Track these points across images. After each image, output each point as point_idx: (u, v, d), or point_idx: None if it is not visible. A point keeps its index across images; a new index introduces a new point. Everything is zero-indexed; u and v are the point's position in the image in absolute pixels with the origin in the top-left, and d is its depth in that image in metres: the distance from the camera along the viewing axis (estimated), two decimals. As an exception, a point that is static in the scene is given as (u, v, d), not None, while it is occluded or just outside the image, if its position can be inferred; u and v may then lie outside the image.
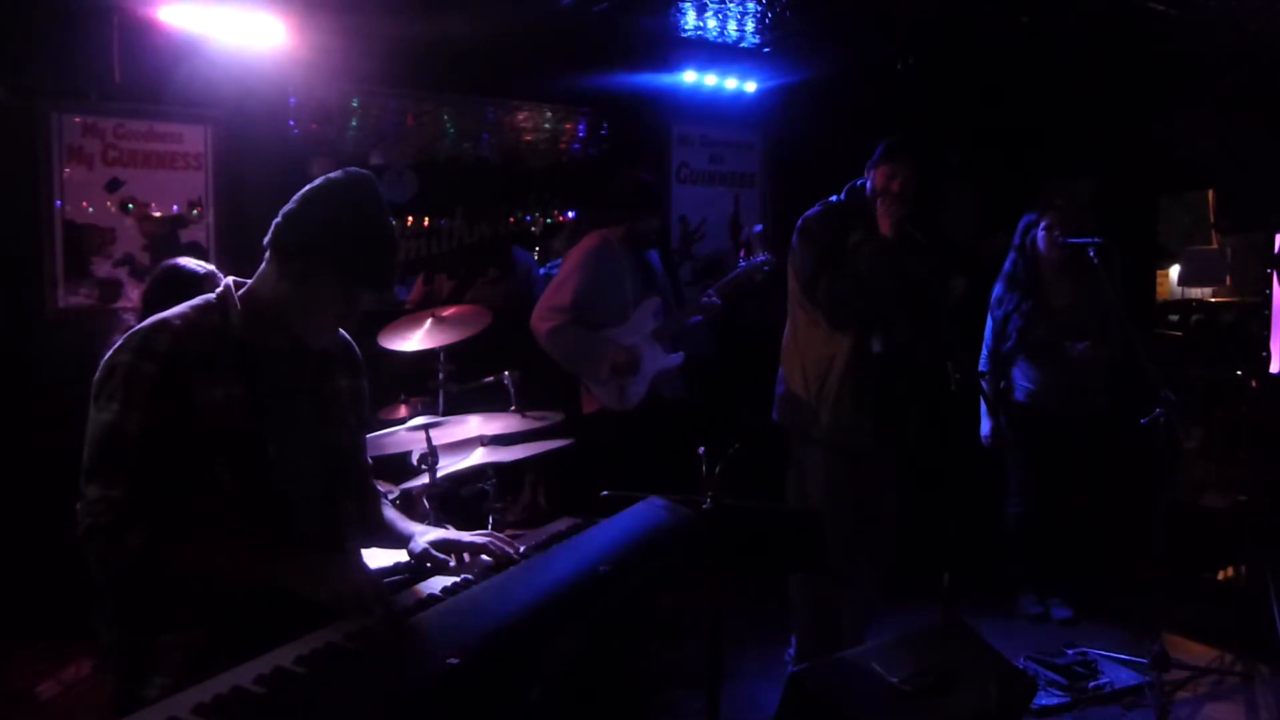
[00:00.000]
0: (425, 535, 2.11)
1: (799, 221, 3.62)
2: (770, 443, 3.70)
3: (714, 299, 4.26)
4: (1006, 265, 4.44)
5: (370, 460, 2.25)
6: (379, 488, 2.31)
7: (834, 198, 3.64)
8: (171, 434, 1.76)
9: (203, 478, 1.79)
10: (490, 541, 2.05)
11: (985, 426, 4.48)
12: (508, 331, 4.18)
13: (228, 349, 1.86)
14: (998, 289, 4.46)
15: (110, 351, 1.82)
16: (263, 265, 1.95)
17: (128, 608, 1.80)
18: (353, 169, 1.96)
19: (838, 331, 3.49)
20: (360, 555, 2.12)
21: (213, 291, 1.94)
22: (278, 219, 1.91)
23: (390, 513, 2.25)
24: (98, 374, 1.82)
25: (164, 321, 1.84)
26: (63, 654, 3.27)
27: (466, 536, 2.10)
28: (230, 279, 1.96)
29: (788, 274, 3.69)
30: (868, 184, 3.55)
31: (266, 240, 1.92)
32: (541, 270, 5.58)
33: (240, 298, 1.92)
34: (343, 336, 2.13)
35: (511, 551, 2.04)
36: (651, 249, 4.42)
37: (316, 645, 1.55)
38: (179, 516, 1.76)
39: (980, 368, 4.49)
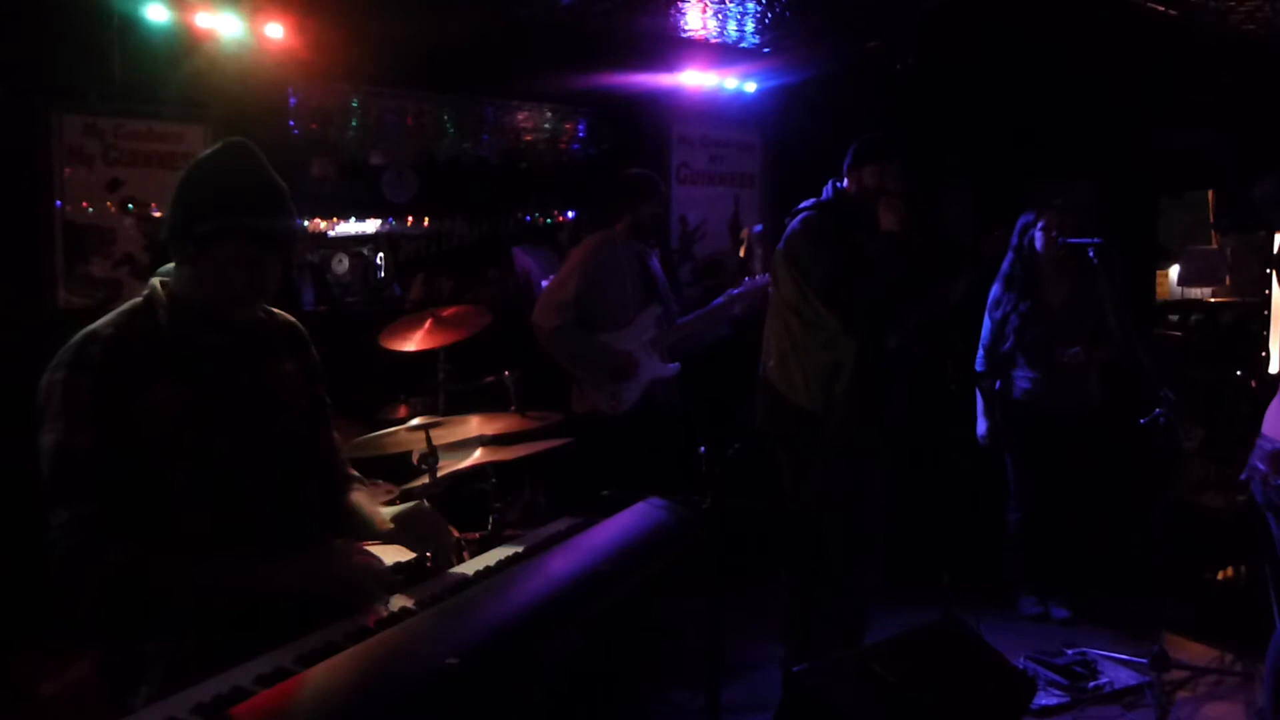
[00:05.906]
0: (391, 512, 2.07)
1: (799, 226, 3.48)
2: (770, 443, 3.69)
3: (735, 311, 4.28)
4: (1004, 266, 4.43)
5: (335, 437, 2.17)
6: (353, 474, 2.23)
7: (821, 198, 3.53)
8: (120, 445, 1.72)
9: (154, 485, 1.74)
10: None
11: (981, 426, 4.50)
12: (508, 331, 4.17)
13: (161, 350, 1.81)
14: (995, 290, 4.46)
15: (47, 371, 1.78)
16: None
17: (111, 620, 1.77)
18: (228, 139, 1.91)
19: (844, 336, 3.39)
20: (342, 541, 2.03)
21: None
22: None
23: (357, 497, 2.17)
24: (38, 395, 1.77)
25: (93, 332, 1.80)
26: (63, 654, 3.26)
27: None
28: (157, 279, 1.90)
29: (778, 283, 3.56)
30: (845, 183, 3.49)
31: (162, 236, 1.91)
32: (544, 283, 5.58)
33: (166, 295, 1.86)
34: (284, 317, 2.07)
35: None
36: (654, 245, 4.42)
37: (317, 645, 1.55)
38: (141, 527, 1.71)
39: (977, 368, 4.50)
